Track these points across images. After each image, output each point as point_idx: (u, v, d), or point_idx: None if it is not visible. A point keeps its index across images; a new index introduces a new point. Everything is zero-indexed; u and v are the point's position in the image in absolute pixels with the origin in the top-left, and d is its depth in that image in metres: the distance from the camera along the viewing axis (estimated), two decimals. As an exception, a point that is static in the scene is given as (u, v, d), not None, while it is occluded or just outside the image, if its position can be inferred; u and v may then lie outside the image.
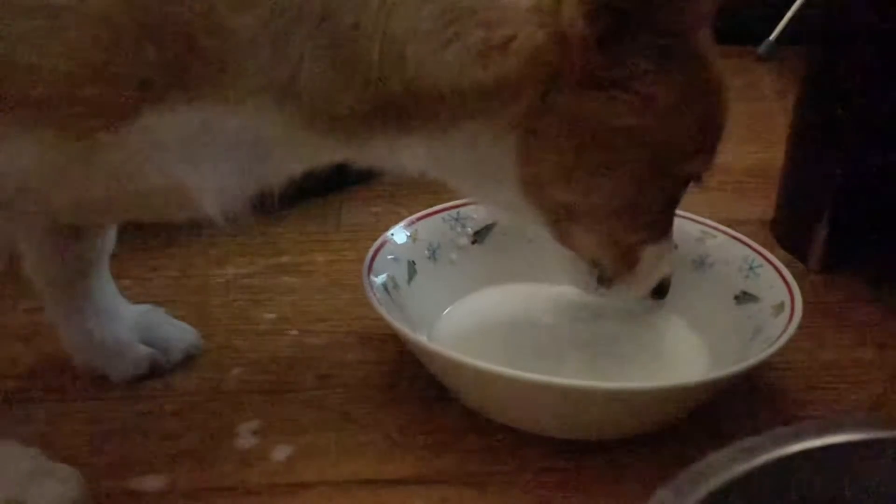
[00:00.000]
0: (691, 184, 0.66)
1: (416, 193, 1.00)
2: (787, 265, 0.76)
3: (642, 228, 0.66)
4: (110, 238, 0.72)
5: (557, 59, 0.55)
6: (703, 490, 0.43)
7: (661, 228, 0.68)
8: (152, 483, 0.64)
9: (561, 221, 0.65)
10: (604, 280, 0.71)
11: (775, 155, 1.01)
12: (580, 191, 0.62)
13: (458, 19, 0.53)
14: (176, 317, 0.79)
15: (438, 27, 0.53)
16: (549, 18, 0.54)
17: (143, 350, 0.74)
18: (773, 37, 1.63)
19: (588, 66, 0.55)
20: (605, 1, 0.53)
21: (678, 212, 0.70)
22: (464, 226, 0.84)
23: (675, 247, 0.71)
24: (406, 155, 0.60)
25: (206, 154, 0.55)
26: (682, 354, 0.75)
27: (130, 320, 0.75)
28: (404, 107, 0.56)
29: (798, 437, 0.45)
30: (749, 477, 0.44)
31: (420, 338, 0.68)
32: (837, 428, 0.46)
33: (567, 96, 0.57)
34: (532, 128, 0.58)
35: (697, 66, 0.59)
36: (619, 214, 0.64)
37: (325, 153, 0.61)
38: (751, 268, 0.77)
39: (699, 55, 0.59)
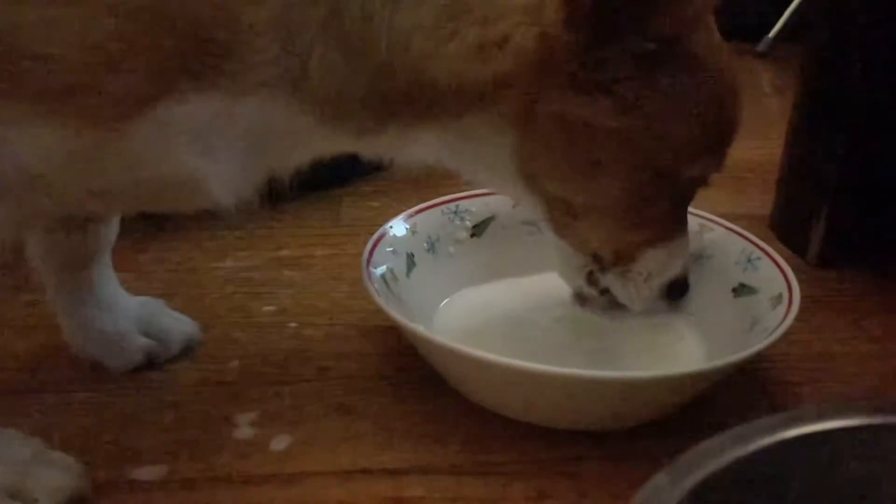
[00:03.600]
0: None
1: (416, 188, 1.00)
2: (785, 259, 0.76)
3: (644, 228, 0.66)
4: (113, 229, 0.72)
5: (546, 59, 0.55)
6: (699, 475, 0.43)
7: (669, 229, 0.68)
8: (151, 473, 0.64)
9: (560, 214, 0.66)
10: (600, 275, 0.72)
11: (774, 150, 1.01)
12: (573, 188, 0.63)
13: (458, 16, 0.54)
14: (175, 309, 0.79)
15: (440, 23, 0.54)
16: (538, 19, 0.55)
17: (143, 341, 0.74)
18: (772, 34, 1.63)
19: (570, 68, 0.56)
20: (585, 8, 0.53)
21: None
22: (462, 219, 0.85)
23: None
24: (415, 146, 0.61)
25: (219, 144, 0.55)
26: (680, 345, 0.75)
27: (130, 311, 0.75)
28: (412, 99, 0.56)
29: (794, 423, 0.46)
30: (745, 462, 0.44)
31: (419, 327, 0.68)
32: (833, 414, 0.46)
33: (556, 96, 0.57)
34: (528, 125, 0.59)
35: (692, 70, 0.59)
36: (616, 213, 0.64)
37: (336, 144, 0.61)
38: (749, 260, 0.77)
39: (695, 59, 0.59)
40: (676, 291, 0.71)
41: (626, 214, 0.64)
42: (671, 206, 0.67)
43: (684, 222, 0.70)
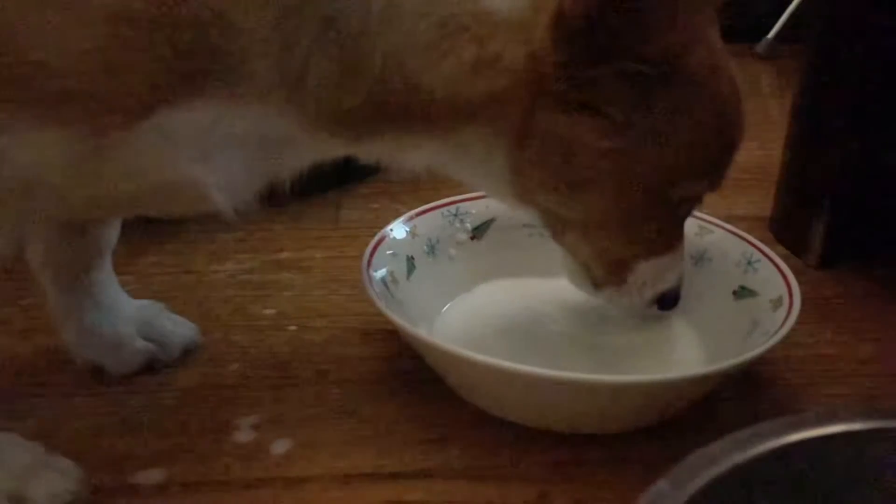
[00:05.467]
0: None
1: (415, 190, 1.00)
2: (785, 261, 0.76)
3: (636, 244, 0.66)
4: (113, 232, 0.72)
5: (536, 78, 0.55)
6: (700, 480, 0.43)
7: (661, 244, 0.67)
8: (151, 476, 0.64)
9: (554, 225, 0.67)
10: (597, 283, 0.72)
11: (774, 152, 1.01)
12: (564, 204, 0.63)
13: (453, 34, 0.54)
14: (175, 312, 0.79)
15: (435, 41, 0.54)
16: (529, 38, 0.55)
17: (142, 344, 0.74)
18: (771, 35, 1.63)
19: (560, 88, 0.56)
20: (574, 29, 0.53)
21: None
22: (462, 221, 0.85)
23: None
24: (410, 154, 0.62)
25: (218, 150, 0.55)
26: (680, 348, 0.75)
27: (130, 315, 0.75)
28: (407, 111, 0.57)
29: (796, 426, 0.46)
30: (747, 467, 0.44)
31: (419, 331, 0.68)
32: (835, 418, 0.46)
33: (546, 114, 0.57)
34: (520, 140, 0.59)
35: (688, 92, 0.58)
36: (606, 229, 0.64)
37: (334, 150, 0.62)
38: (749, 263, 0.77)
39: (691, 81, 0.58)
40: (667, 302, 0.71)
41: (616, 230, 0.65)
42: (664, 224, 0.66)
43: (680, 236, 0.69)
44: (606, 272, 0.68)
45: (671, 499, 0.41)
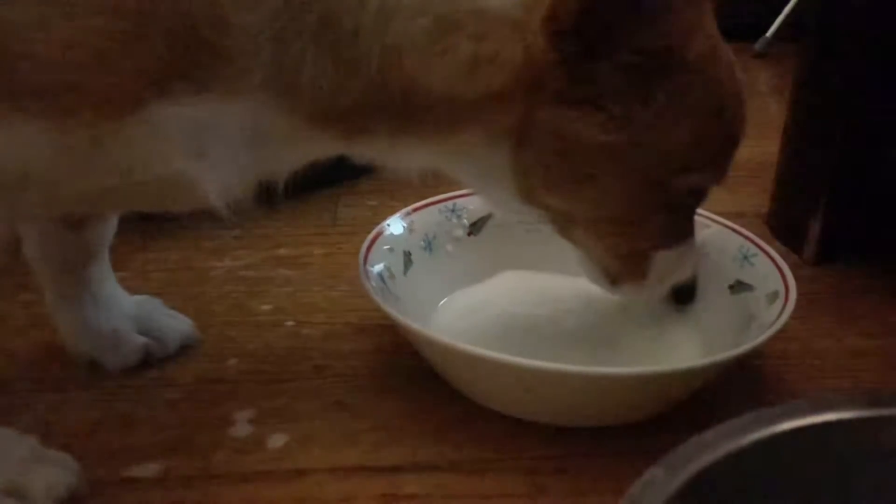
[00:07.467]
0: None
1: (413, 188, 1.00)
2: (782, 257, 0.76)
3: (645, 237, 0.66)
4: (111, 228, 0.72)
5: (534, 74, 0.55)
6: (693, 468, 0.43)
7: (672, 236, 0.68)
8: (148, 470, 0.64)
9: (561, 223, 0.67)
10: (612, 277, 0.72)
11: (771, 149, 1.01)
12: (569, 200, 0.63)
13: (450, 33, 0.54)
14: (173, 308, 0.79)
15: (432, 39, 0.54)
16: (524, 36, 0.55)
17: (140, 340, 0.74)
18: (769, 33, 1.64)
19: (558, 84, 0.56)
20: (567, 27, 0.53)
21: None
22: (459, 217, 0.85)
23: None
24: (408, 154, 0.61)
25: (211, 146, 0.55)
26: (676, 342, 0.75)
27: (127, 310, 0.75)
28: (405, 109, 0.56)
29: (789, 415, 0.46)
30: (740, 455, 0.44)
31: (416, 325, 0.68)
32: (829, 406, 0.46)
33: (547, 111, 0.57)
34: (522, 137, 0.59)
35: (687, 83, 0.58)
36: (613, 223, 0.64)
37: (329, 148, 0.61)
38: (745, 257, 0.77)
39: (690, 71, 0.58)
40: (684, 296, 0.72)
41: (623, 224, 0.65)
42: (672, 217, 0.66)
43: (690, 229, 0.70)
44: (619, 266, 0.69)
45: (664, 485, 0.42)
